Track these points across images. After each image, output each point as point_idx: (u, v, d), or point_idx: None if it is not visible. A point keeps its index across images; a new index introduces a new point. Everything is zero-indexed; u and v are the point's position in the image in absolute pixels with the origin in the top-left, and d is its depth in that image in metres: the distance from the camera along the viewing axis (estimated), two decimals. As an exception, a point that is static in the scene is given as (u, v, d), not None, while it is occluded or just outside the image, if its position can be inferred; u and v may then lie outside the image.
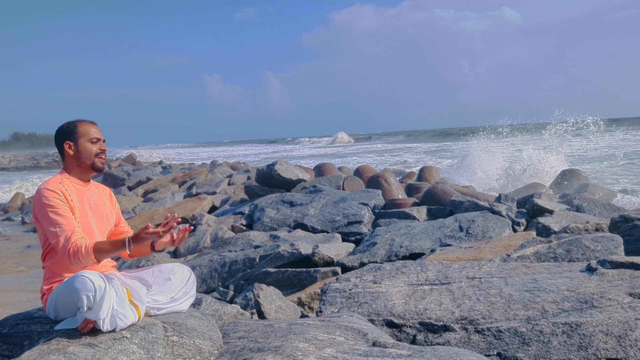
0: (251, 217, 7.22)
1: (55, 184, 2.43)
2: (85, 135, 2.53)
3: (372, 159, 26.47)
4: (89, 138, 2.53)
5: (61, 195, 2.40)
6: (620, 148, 19.59)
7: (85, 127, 2.55)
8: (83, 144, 2.52)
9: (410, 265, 3.65)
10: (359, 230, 5.80)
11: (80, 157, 2.53)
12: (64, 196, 2.40)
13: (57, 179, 2.48)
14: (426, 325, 2.80)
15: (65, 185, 2.46)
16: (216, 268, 4.98)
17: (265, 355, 2.22)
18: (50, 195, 2.37)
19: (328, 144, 55.09)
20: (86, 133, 2.54)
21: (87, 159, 2.53)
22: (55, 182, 2.45)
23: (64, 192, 2.42)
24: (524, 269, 3.35)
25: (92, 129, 2.56)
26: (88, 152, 2.53)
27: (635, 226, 4.21)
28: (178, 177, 14.77)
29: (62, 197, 2.39)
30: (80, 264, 2.32)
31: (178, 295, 2.54)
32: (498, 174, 11.99)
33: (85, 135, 2.53)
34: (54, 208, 2.35)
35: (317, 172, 11.79)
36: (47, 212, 2.35)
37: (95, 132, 2.57)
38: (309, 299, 3.98)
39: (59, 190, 2.41)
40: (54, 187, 2.41)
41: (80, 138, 2.53)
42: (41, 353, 2.03)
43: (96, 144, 2.55)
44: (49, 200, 2.36)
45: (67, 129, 2.55)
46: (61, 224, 2.33)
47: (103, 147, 2.58)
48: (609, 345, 2.39)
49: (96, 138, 2.55)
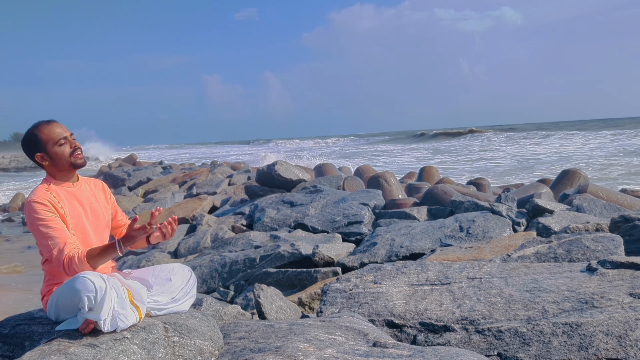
0: (251, 218, 7.22)
1: (42, 195, 2.34)
2: (51, 141, 2.40)
3: (331, 160, 26.10)
4: (55, 142, 2.40)
5: (50, 206, 2.32)
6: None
7: (46, 132, 2.40)
8: (52, 149, 2.40)
9: (410, 265, 3.65)
10: (359, 231, 5.81)
11: (56, 163, 2.43)
12: (52, 206, 2.33)
13: (44, 188, 2.39)
14: (427, 325, 2.80)
15: (53, 193, 2.38)
16: (216, 268, 4.98)
17: (266, 355, 2.22)
18: (39, 208, 2.30)
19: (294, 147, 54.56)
20: (50, 138, 2.40)
21: (64, 163, 2.43)
22: (42, 192, 2.36)
23: (52, 201, 2.34)
24: (525, 269, 3.35)
25: (55, 130, 2.42)
26: (61, 156, 2.42)
27: (635, 226, 4.21)
28: (178, 177, 14.77)
29: (50, 208, 2.32)
30: (77, 273, 2.24)
31: (179, 295, 2.54)
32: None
33: (50, 140, 2.40)
34: (44, 221, 2.29)
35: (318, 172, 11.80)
36: (38, 226, 2.29)
37: (60, 131, 2.43)
38: (310, 299, 3.98)
39: (46, 200, 2.32)
40: (41, 199, 2.32)
41: (47, 145, 2.40)
42: (42, 354, 2.04)
43: (65, 144, 2.42)
44: (37, 213, 2.29)
45: (31, 141, 2.41)
46: (53, 237, 2.27)
47: (74, 144, 2.45)
48: (610, 346, 2.39)
49: (63, 138, 2.42)
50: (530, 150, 28.30)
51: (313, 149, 45.48)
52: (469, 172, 18.62)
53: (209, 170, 14.83)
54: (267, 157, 25.80)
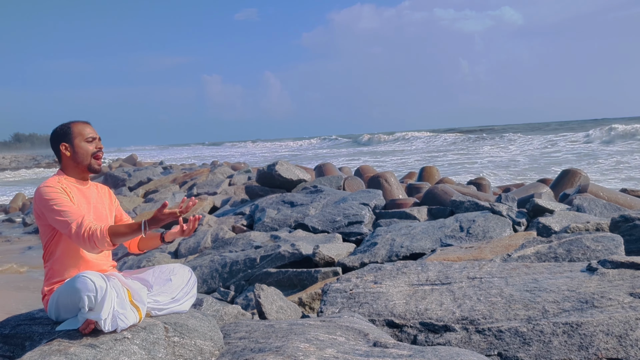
0: (252, 218, 7.22)
1: (53, 182, 2.45)
2: (80, 136, 2.53)
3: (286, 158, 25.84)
4: (84, 138, 2.53)
5: (62, 190, 2.41)
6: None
7: (79, 127, 2.54)
8: (79, 144, 2.52)
9: (410, 265, 3.65)
10: (360, 231, 5.81)
11: (77, 157, 2.52)
12: (64, 191, 2.41)
13: (55, 179, 2.49)
14: (427, 325, 2.80)
15: (64, 184, 2.47)
16: (217, 268, 4.99)
17: (266, 355, 2.22)
18: (50, 191, 2.38)
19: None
20: (81, 133, 2.53)
21: (84, 159, 2.53)
22: (54, 181, 2.46)
23: (64, 188, 2.44)
24: (525, 269, 3.35)
25: (87, 128, 2.56)
26: (85, 151, 2.52)
27: (635, 226, 4.20)
28: (179, 177, 14.78)
29: (62, 191, 2.40)
30: (97, 248, 2.31)
31: (179, 295, 2.54)
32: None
33: (80, 135, 2.53)
34: (56, 200, 2.36)
35: (318, 172, 11.79)
36: (52, 206, 2.34)
37: (90, 131, 2.56)
38: (310, 299, 3.98)
39: (58, 185, 2.42)
40: (53, 184, 2.42)
41: (76, 138, 2.52)
42: (42, 354, 2.04)
43: (92, 143, 2.55)
44: (49, 195, 2.37)
45: (62, 131, 2.54)
46: (69, 212, 2.33)
47: (99, 146, 2.58)
48: (610, 345, 2.39)
49: (92, 137, 2.55)
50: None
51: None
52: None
53: (209, 170, 14.83)
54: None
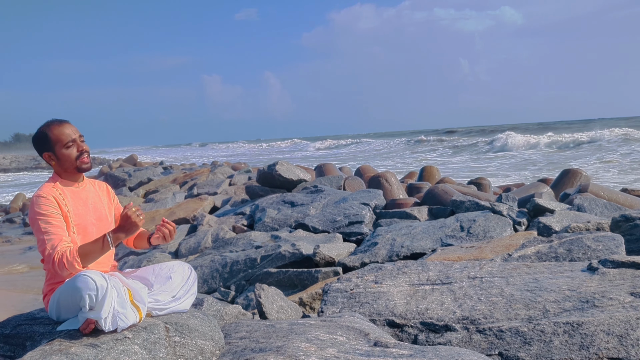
0: (252, 218, 7.22)
1: (48, 190, 2.39)
2: (59, 142, 2.43)
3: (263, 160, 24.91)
4: (63, 144, 2.43)
5: (54, 202, 2.36)
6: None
7: (56, 133, 2.44)
8: (59, 151, 2.44)
9: (411, 265, 3.65)
10: (360, 230, 5.81)
11: (62, 164, 2.47)
12: (57, 202, 2.37)
13: (51, 185, 2.45)
14: (428, 325, 2.80)
15: (59, 190, 2.43)
16: (217, 268, 4.99)
17: (267, 355, 2.22)
18: (43, 203, 2.33)
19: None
20: (59, 139, 2.43)
21: (69, 165, 2.47)
22: (48, 188, 2.41)
23: (57, 198, 2.39)
24: (525, 268, 3.35)
25: (65, 130, 2.45)
26: (67, 158, 2.45)
27: (636, 225, 4.20)
28: (179, 177, 14.79)
29: (54, 204, 2.36)
30: (67, 270, 2.26)
31: (179, 293, 2.54)
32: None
33: (59, 142, 2.43)
34: (45, 216, 2.32)
35: (318, 172, 11.79)
36: (38, 221, 2.32)
37: (69, 133, 2.45)
38: (311, 299, 3.98)
39: (51, 196, 2.37)
40: (47, 194, 2.37)
41: (55, 146, 2.44)
42: (43, 354, 2.04)
43: (72, 147, 2.45)
44: (40, 208, 2.33)
45: (41, 140, 2.46)
46: (50, 233, 2.29)
47: (82, 147, 2.48)
48: (611, 345, 2.39)
49: (71, 141, 2.44)
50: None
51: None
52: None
53: (209, 170, 14.84)
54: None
